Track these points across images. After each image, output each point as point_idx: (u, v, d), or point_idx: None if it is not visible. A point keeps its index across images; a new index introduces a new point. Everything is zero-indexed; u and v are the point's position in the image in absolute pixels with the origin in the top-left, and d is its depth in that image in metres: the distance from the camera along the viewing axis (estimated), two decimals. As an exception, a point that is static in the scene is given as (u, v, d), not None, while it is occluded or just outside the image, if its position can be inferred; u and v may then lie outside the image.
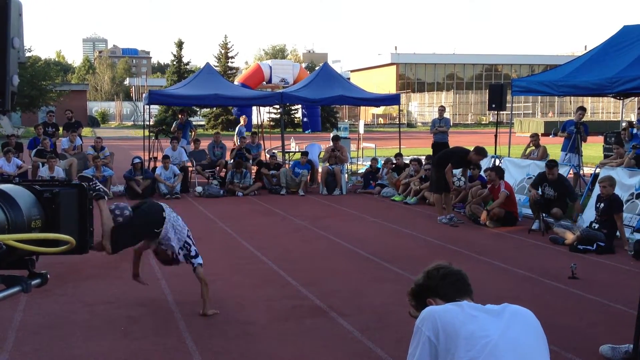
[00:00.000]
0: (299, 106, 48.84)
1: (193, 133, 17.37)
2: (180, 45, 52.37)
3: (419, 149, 24.19)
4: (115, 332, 5.48)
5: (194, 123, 50.87)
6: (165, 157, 14.29)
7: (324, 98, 16.46)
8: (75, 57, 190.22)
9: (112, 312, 6.02)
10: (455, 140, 23.84)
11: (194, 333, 5.44)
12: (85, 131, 49.98)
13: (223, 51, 55.59)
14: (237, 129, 19.61)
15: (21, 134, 37.31)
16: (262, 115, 38.90)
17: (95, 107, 70.44)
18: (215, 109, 50.19)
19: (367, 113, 69.21)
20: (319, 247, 9.13)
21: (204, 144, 16.81)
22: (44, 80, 43.47)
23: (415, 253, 8.74)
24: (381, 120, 61.53)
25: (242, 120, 20.05)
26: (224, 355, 5.00)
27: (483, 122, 58.39)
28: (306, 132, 48.11)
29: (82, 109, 60.57)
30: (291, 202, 13.62)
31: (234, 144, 18.38)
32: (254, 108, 21.30)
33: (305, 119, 51.08)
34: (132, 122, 59.70)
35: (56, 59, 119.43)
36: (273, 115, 57.32)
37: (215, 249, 8.85)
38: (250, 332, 5.51)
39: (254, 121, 27.96)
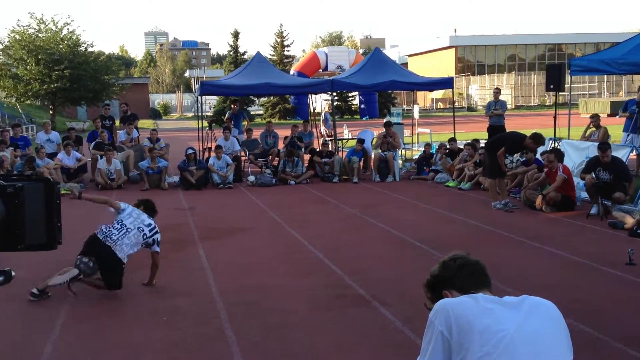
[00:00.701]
0: (356, 93, 48.65)
1: (246, 123, 17.46)
2: (236, 35, 52.80)
3: (475, 133, 23.71)
4: (158, 322, 5.53)
5: (252, 112, 51.54)
6: (218, 147, 14.41)
7: (375, 84, 16.25)
8: (137, 51, 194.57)
9: (157, 302, 6.08)
10: (513, 123, 23.29)
11: (234, 323, 5.43)
12: (148, 123, 51.16)
13: (279, 40, 55.79)
14: (323, 114, 19.64)
15: (87, 127, 38.44)
16: (321, 102, 39.01)
17: (157, 100, 71.98)
18: (272, 97, 50.47)
19: (426, 98, 68.34)
20: (367, 235, 9.03)
21: (257, 133, 16.87)
22: (106, 74, 44.50)
23: (466, 240, 8.53)
24: (440, 105, 60.50)
25: (326, 106, 20.04)
26: (262, 344, 4.97)
27: (547, 104, 56.76)
28: (363, 118, 47.87)
29: (144, 102, 62.03)
30: (343, 189, 13.53)
31: (321, 133, 18.42)
32: (311, 96, 21.25)
33: (362, 106, 50.82)
34: (193, 114, 60.59)
35: (119, 53, 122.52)
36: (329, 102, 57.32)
37: (263, 238, 8.87)
38: (291, 322, 5.47)
39: (311, 109, 28.00)
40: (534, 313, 2.32)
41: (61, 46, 42.17)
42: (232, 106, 17.58)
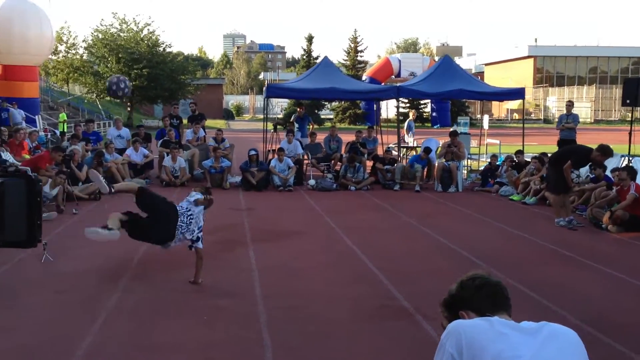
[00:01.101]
0: (428, 101, 48.12)
1: (311, 126, 17.49)
2: (310, 39, 53.21)
3: (548, 146, 22.97)
4: (198, 321, 5.54)
5: (322, 116, 51.70)
6: (280, 150, 14.48)
7: (442, 92, 15.98)
8: (216, 53, 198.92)
9: (200, 301, 6.11)
10: (587, 137, 22.47)
11: (273, 327, 5.39)
12: (220, 124, 52.10)
13: (352, 45, 55.80)
14: (406, 123, 19.57)
15: (161, 125, 39.56)
16: (387, 109, 38.72)
17: (231, 100, 73.29)
18: (343, 102, 50.52)
19: (501, 108, 66.91)
20: (420, 245, 8.84)
21: (321, 137, 16.87)
22: (182, 74, 45.66)
23: (523, 257, 8.24)
24: (516, 116, 59.13)
25: (411, 114, 19.95)
26: (297, 351, 4.91)
27: (628, 119, 54.57)
28: (434, 126, 47.28)
29: (217, 102, 63.25)
30: (403, 197, 13.35)
31: (404, 141, 18.28)
32: (394, 102, 21.00)
33: (434, 114, 50.19)
34: (264, 115, 61.36)
35: (198, 55, 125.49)
36: (402, 110, 56.91)
37: (315, 243, 8.81)
38: (330, 330, 5.38)
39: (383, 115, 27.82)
40: (552, 341, 2.16)
41: (141, 46, 43.51)
42: (298, 109, 17.65)
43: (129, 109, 45.46)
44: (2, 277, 6.83)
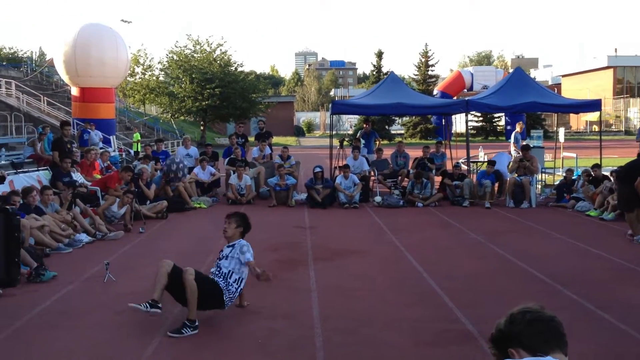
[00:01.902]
0: (502, 114, 47.01)
1: (377, 142, 17.27)
2: (380, 55, 53.06)
3: (629, 159, 21.92)
4: (252, 344, 5.41)
5: (392, 132, 51.34)
6: (345, 167, 14.32)
7: (513, 105, 15.44)
8: (287, 71, 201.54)
9: (256, 323, 5.98)
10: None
11: (328, 352, 5.20)
12: (291, 140, 52.52)
13: (423, 59, 55.31)
14: (512, 135, 19.18)
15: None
16: (462, 123, 38.04)
17: (302, 117, 73.89)
18: (414, 117, 50.06)
19: (579, 120, 64.68)
20: (489, 265, 8.45)
21: (388, 153, 16.62)
22: (254, 92, 46.33)
23: (598, 277, 7.75)
24: (595, 128, 57.02)
25: (518, 127, 19.53)
26: (351, 379, 4.70)
27: None
28: (509, 140, 46.08)
29: (288, 119, 63.89)
30: (473, 214, 12.92)
31: (510, 153, 17.87)
32: (463, 116, 20.55)
33: (508, 127, 48.98)
34: (335, 132, 61.49)
35: (270, 73, 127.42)
36: (474, 124, 55.86)
37: (377, 262, 8.58)
38: (387, 355, 5.14)
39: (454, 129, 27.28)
40: None
41: (213, 66, 44.45)
42: (364, 125, 17.47)
43: (202, 127, 46.44)
44: (68, 296, 6.92)
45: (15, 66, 42.64)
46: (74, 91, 25.41)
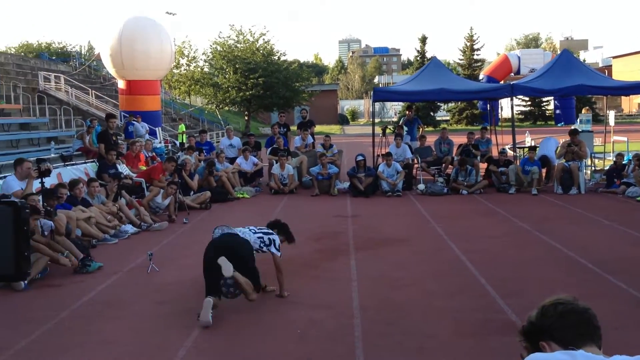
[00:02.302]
0: (551, 98, 45.97)
1: (421, 129, 17.06)
2: (423, 40, 52.46)
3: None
4: (291, 333, 5.41)
5: (437, 118, 50.77)
6: (388, 154, 14.20)
7: (559, 88, 15.02)
8: (331, 59, 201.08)
9: (295, 312, 5.98)
10: None
11: (367, 342, 5.16)
12: (335, 129, 52.45)
13: (468, 44, 54.43)
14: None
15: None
16: (509, 108, 37.25)
17: (345, 106, 73.66)
18: (459, 103, 49.39)
19: (632, 103, 62.87)
20: (534, 253, 8.27)
21: (431, 140, 16.42)
22: (297, 81, 46.30)
23: (649, 265, 7.50)
24: (649, 110, 55.32)
25: (584, 110, 19.13)
26: (390, 370, 4.65)
27: None
28: (558, 125, 45.05)
29: (332, 108, 63.77)
30: (519, 201, 12.67)
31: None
32: (508, 101, 20.12)
33: (557, 111, 47.86)
34: (379, 119, 61.17)
35: (313, 61, 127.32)
36: (522, 108, 54.80)
37: (419, 251, 8.48)
38: (426, 347, 5.07)
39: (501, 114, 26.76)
40: None
41: (256, 55, 44.57)
42: (407, 112, 17.28)
43: (246, 117, 46.72)
44: (112, 287, 7.04)
45: (64, 60, 43.57)
46: (121, 84, 25.80)
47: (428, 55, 52.99)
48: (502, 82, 43.69)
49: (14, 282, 6.55)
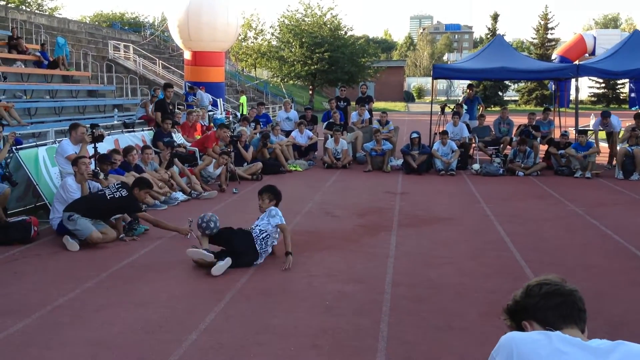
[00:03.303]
0: (626, 80, 44.16)
1: (481, 108, 16.71)
2: (495, 18, 51.18)
3: None
4: (320, 306, 5.45)
5: (505, 98, 49.59)
6: (444, 133, 14.00)
7: (628, 70, 14.42)
8: (401, 35, 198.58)
9: (327, 285, 6.01)
10: None
11: (394, 317, 5.15)
12: (400, 106, 52.02)
13: (542, 22, 52.75)
14: None
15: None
16: (582, 89, 35.89)
17: (412, 83, 72.79)
18: (529, 83, 48.11)
19: None
20: (582, 238, 8.04)
21: (490, 120, 16.08)
22: (363, 57, 46.04)
23: None
24: None
25: None
26: (412, 345, 4.63)
27: None
28: (633, 108, 43.25)
29: (398, 85, 63.14)
30: (576, 185, 12.30)
31: None
32: (573, 82, 19.44)
33: (632, 94, 45.94)
34: (446, 97, 60.19)
35: (382, 37, 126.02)
36: (595, 90, 52.93)
37: (463, 231, 8.37)
38: (453, 326, 5.03)
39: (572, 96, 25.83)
40: None
41: (323, 30, 44.52)
42: (468, 91, 16.94)
43: (310, 91, 46.84)
44: (154, 251, 7.26)
45: (135, 30, 44.61)
46: (187, 55, 26.29)
47: (500, 32, 51.62)
48: (575, 62, 42.21)
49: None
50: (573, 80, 15.50)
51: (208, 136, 12.52)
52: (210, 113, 18.79)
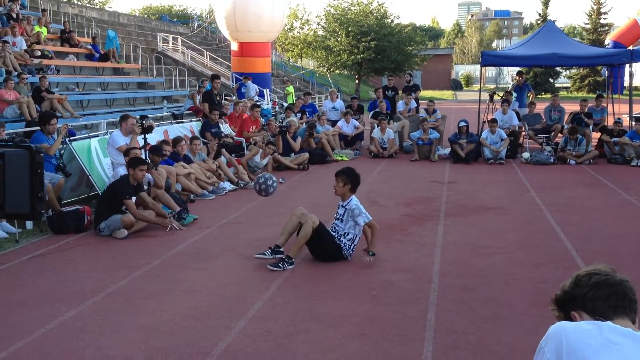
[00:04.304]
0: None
1: (531, 96, 16.38)
2: (546, 3, 49.99)
3: None
4: (366, 295, 5.46)
5: (556, 85, 48.42)
6: (493, 121, 13.78)
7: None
8: (449, 22, 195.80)
9: (375, 274, 6.01)
10: None
11: (441, 307, 5.13)
12: (447, 94, 51.42)
13: (595, 7, 51.29)
14: None
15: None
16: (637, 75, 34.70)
17: (460, 71, 71.81)
18: (581, 69, 46.89)
19: None
20: (635, 227, 7.83)
21: (541, 107, 15.75)
22: (409, 45, 45.56)
23: None
24: None
25: None
26: (458, 335, 4.60)
27: None
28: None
29: (446, 73, 62.40)
30: (628, 173, 11.99)
31: None
32: (627, 67, 18.81)
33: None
34: (495, 85, 59.14)
35: (430, 25, 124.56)
36: (650, 76, 51.24)
37: (512, 220, 8.25)
38: (502, 316, 4.97)
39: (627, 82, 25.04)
40: None
41: (369, 18, 44.21)
42: (517, 78, 16.63)
43: (357, 81, 46.66)
44: (203, 240, 7.37)
45: (183, 23, 45.15)
46: (234, 46, 26.47)
47: (551, 18, 50.45)
48: (630, 48, 40.95)
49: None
50: (627, 65, 15.03)
51: (244, 120, 12.68)
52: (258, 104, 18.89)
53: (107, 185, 8.12)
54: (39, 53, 17.04)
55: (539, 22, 52.04)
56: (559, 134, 14.49)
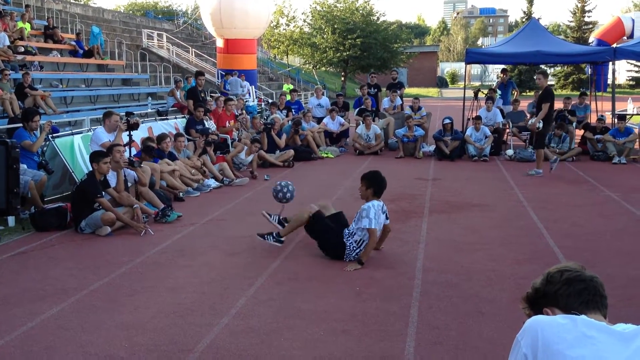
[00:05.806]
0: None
1: (515, 93, 16.49)
2: (531, 1, 50.26)
3: None
4: (350, 291, 5.47)
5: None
6: (477, 118, 13.85)
7: (667, 52, 14.07)
8: (435, 20, 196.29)
9: (358, 271, 6.01)
10: None
11: (424, 303, 5.15)
12: (432, 92, 51.57)
13: (579, 5, 51.67)
14: None
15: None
16: (621, 73, 35.08)
17: (446, 68, 72.04)
18: (565, 67, 47.25)
19: None
20: (616, 224, 7.91)
21: (524, 105, 15.85)
22: (395, 42, 45.69)
23: None
24: None
25: None
26: (440, 331, 4.63)
27: None
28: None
29: (431, 70, 62.57)
30: (612, 170, 12.11)
31: None
32: (610, 65, 18.98)
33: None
34: (480, 83, 59.38)
35: (416, 22, 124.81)
36: (634, 74, 51.79)
37: (496, 217, 8.31)
38: (484, 312, 5.01)
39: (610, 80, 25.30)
40: None
41: (355, 16, 44.29)
42: (502, 75, 16.72)
43: (342, 78, 46.71)
44: (187, 237, 7.36)
45: (169, 19, 44.93)
46: (219, 43, 26.42)
47: (535, 16, 50.73)
48: (614, 46, 41.30)
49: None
50: (610, 63, 15.16)
51: (219, 115, 12.84)
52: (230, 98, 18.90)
53: (75, 186, 7.96)
54: (22, 49, 16.90)
55: (524, 20, 52.31)
56: (543, 131, 14.55)
